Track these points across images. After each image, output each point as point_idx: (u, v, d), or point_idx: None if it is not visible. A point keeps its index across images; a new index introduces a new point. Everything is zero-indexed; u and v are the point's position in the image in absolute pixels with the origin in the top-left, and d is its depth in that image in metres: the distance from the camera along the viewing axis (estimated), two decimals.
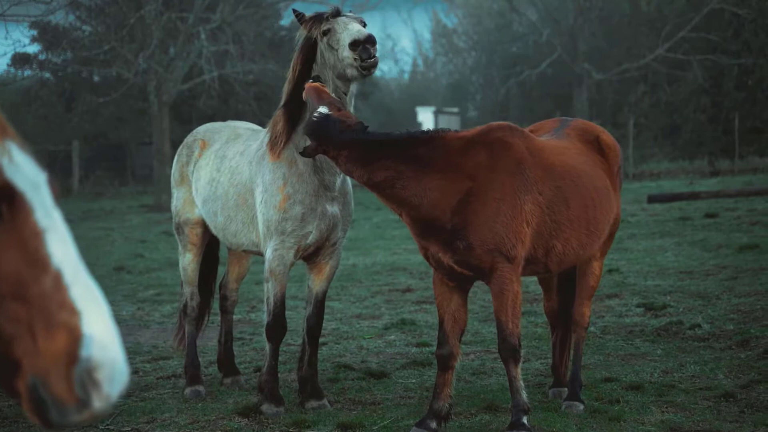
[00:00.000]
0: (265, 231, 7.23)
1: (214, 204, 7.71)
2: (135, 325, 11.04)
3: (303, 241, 7.17)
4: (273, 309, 7.27)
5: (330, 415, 7.06)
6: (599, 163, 7.02)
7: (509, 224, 6.34)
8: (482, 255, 6.32)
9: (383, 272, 14.33)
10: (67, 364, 2.22)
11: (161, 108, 29.25)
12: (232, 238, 7.66)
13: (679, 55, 39.10)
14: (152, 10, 27.75)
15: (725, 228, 16.85)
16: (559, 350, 7.55)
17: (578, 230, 6.67)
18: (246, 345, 9.78)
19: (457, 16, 54.91)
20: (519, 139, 6.58)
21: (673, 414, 6.80)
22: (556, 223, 6.55)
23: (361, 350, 9.33)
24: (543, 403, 7.22)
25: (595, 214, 6.77)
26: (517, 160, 6.45)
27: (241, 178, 7.52)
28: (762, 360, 8.04)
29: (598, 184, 6.86)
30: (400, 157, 6.29)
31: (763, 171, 30.99)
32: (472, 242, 6.30)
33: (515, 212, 6.36)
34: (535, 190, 6.45)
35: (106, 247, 19.83)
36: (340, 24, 6.92)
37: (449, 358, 6.66)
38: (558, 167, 6.64)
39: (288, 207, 7.11)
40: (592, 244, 6.84)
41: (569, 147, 6.94)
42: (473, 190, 6.33)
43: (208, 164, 7.87)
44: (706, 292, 11.14)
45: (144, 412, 7.36)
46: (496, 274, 6.36)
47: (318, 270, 7.43)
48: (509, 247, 6.33)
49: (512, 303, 6.43)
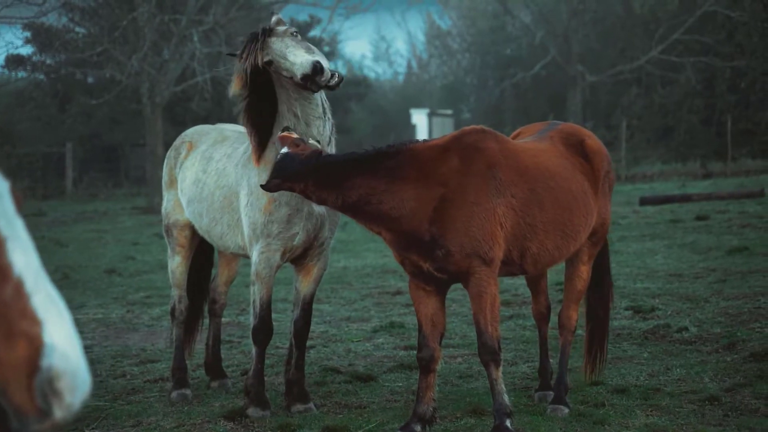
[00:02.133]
0: (251, 234, 7.24)
1: (200, 205, 7.72)
2: (124, 328, 11.04)
3: (289, 243, 7.18)
4: (259, 312, 7.28)
5: (316, 418, 7.07)
6: (579, 166, 7.02)
7: (484, 227, 6.39)
8: (460, 260, 6.37)
9: (374, 275, 14.34)
10: (28, 373, 2.21)
11: (154, 110, 29.23)
12: (218, 240, 7.67)
13: (672, 57, 39.15)
14: (145, 12, 27.72)
15: (716, 230, 16.87)
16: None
17: (553, 232, 6.71)
18: (234, 348, 9.78)
19: (451, 18, 54.93)
20: (491, 142, 6.62)
21: (658, 417, 6.81)
22: (531, 226, 6.60)
23: (349, 353, 9.34)
24: (528, 407, 7.23)
25: (570, 216, 6.79)
26: (489, 163, 6.50)
27: (227, 180, 7.53)
28: (747, 363, 8.05)
29: (573, 187, 6.87)
30: (369, 173, 6.36)
31: (755, 173, 31.04)
32: (450, 248, 6.36)
33: (489, 215, 6.41)
34: (508, 193, 6.50)
35: (98, 249, 19.81)
36: (277, 52, 6.84)
37: (430, 361, 6.69)
38: (532, 170, 6.68)
39: (274, 209, 7.11)
40: (567, 246, 6.87)
41: (547, 150, 6.96)
42: (447, 195, 6.39)
43: (193, 165, 7.88)
44: (695, 294, 11.16)
45: (130, 416, 7.36)
46: (473, 277, 6.41)
47: (306, 272, 7.44)
48: (486, 250, 6.38)
49: (491, 305, 6.47)
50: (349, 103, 46.40)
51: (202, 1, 29.26)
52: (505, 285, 12.56)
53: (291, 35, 6.94)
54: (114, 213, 28.60)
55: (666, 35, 39.59)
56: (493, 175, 6.48)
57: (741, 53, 38.00)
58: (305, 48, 6.88)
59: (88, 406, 7.62)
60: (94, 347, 9.95)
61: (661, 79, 41.07)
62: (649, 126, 39.72)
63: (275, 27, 6.99)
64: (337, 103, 45.33)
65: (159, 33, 28.92)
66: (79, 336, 2.33)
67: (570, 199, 6.81)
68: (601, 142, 7.41)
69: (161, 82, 28.95)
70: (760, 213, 18.56)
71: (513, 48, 48.50)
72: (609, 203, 7.34)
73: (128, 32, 28.53)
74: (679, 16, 39.49)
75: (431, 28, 57.26)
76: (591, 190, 7.02)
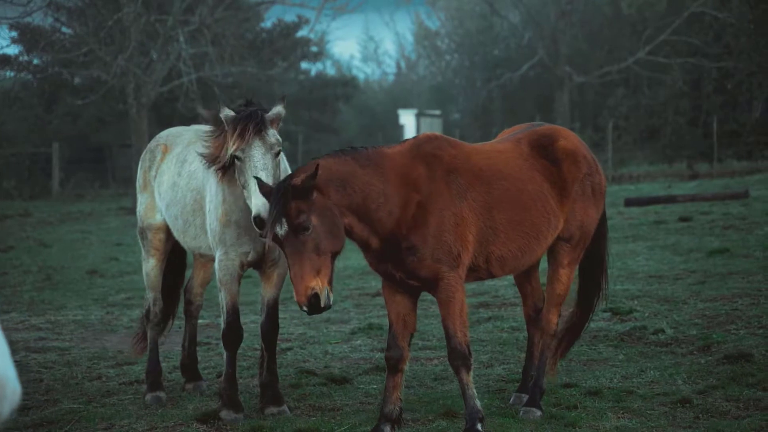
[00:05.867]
0: (212, 239, 7.30)
1: (175, 208, 7.72)
2: (102, 330, 11.02)
3: (243, 257, 7.24)
4: (226, 318, 7.30)
5: (288, 421, 7.07)
6: (541, 168, 6.97)
7: (456, 232, 6.48)
8: (430, 265, 6.43)
9: (355, 276, 14.34)
10: None
11: (140, 110, 29.18)
12: (192, 241, 7.68)
13: (660, 58, 39.23)
14: (131, 12, 27.66)
15: (698, 232, 16.90)
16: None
17: (513, 233, 6.74)
18: (212, 350, 9.78)
19: (440, 18, 54.95)
20: (446, 149, 6.68)
21: (628, 420, 6.84)
22: (491, 228, 6.66)
23: (325, 355, 9.34)
24: (501, 409, 7.25)
25: (528, 216, 6.80)
26: (448, 169, 6.58)
27: (197, 182, 7.55)
28: (721, 365, 8.08)
29: (529, 187, 6.86)
30: (370, 172, 6.37)
31: (741, 174, 31.11)
32: (423, 254, 6.42)
33: (458, 220, 6.50)
34: (468, 197, 6.58)
35: (82, 250, 19.77)
36: (247, 168, 6.74)
37: (399, 360, 6.71)
38: (486, 172, 6.73)
39: (225, 222, 7.18)
40: (531, 247, 6.87)
41: (504, 151, 6.97)
42: (421, 202, 6.46)
43: (169, 168, 7.88)
44: (673, 296, 11.18)
45: (103, 418, 7.36)
46: (442, 283, 6.46)
47: (267, 278, 7.46)
48: (455, 256, 6.44)
49: (459, 311, 6.51)
50: (337, 104, 46.39)
51: (188, 2, 29.21)
52: (485, 287, 12.59)
53: (274, 154, 6.86)
54: (99, 213, 28.53)
55: (653, 36, 39.68)
56: (453, 180, 6.56)
57: (728, 54, 38.10)
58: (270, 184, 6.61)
59: (62, 408, 7.62)
60: (72, 349, 9.93)
61: (647, 80, 41.16)
62: (635, 127, 39.80)
63: (267, 130, 6.88)
64: (326, 104, 45.36)
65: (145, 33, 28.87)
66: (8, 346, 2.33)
67: (526, 199, 6.81)
68: (580, 144, 7.33)
69: (147, 82, 28.90)
70: (743, 214, 18.60)
71: (501, 49, 48.56)
72: (591, 207, 7.22)
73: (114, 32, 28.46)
74: (667, 17, 39.59)
75: (420, 29, 57.27)
76: (553, 192, 6.97)
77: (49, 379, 8.65)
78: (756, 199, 21.02)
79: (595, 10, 44.55)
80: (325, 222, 6.13)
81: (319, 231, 6.10)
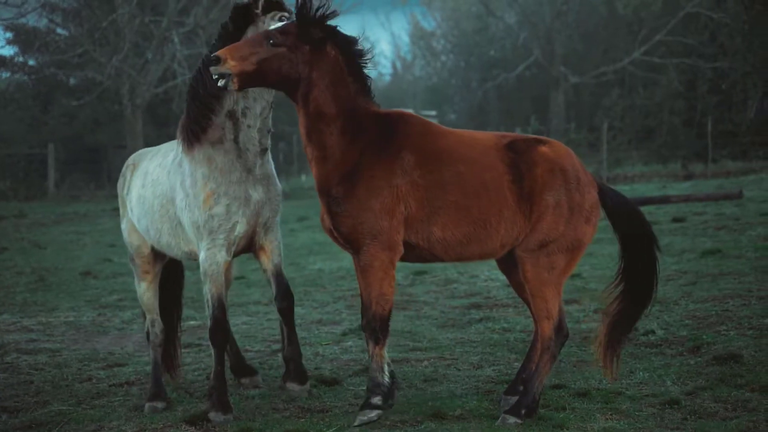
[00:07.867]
0: (195, 233, 7.30)
1: (146, 219, 7.80)
2: (93, 332, 11.02)
3: (231, 234, 7.27)
4: (212, 312, 7.29)
5: (277, 422, 7.07)
6: (509, 161, 6.81)
7: (384, 202, 6.59)
8: (353, 226, 6.60)
9: (347, 277, 14.34)
10: None
11: (135, 111, 29.19)
12: (167, 249, 7.75)
13: (655, 58, 39.28)
14: (125, 13, 27.66)
15: (691, 232, 16.91)
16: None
17: (459, 217, 6.72)
18: (203, 351, 9.77)
19: (435, 19, 54.98)
20: (406, 127, 6.80)
21: (616, 421, 6.84)
22: (435, 208, 6.70)
23: (316, 357, 9.35)
24: (489, 410, 7.23)
25: (478, 203, 6.73)
26: (400, 145, 6.70)
27: (162, 188, 7.60)
28: (710, 366, 8.09)
29: (486, 175, 6.77)
30: (339, 85, 6.70)
31: (735, 174, 31.13)
32: (346, 210, 6.62)
33: (392, 193, 6.61)
34: (414, 174, 6.67)
35: (76, 251, 19.76)
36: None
37: None
38: (446, 154, 6.77)
39: (213, 203, 7.21)
40: (479, 236, 6.76)
41: (479, 139, 7.00)
42: (358, 165, 6.65)
43: (136, 183, 7.98)
44: (665, 297, 11.18)
45: (92, 420, 7.36)
46: (362, 250, 6.65)
47: (263, 251, 7.52)
48: (381, 227, 6.58)
49: (378, 283, 6.59)
50: None
51: (183, 3, 29.21)
52: (477, 288, 12.60)
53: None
54: (94, 215, 28.50)
55: (649, 36, 39.76)
56: (402, 156, 6.67)
57: (723, 54, 38.16)
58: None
59: (52, 410, 7.62)
60: (63, 351, 9.93)
61: (642, 80, 41.20)
62: (630, 127, 39.84)
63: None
64: None
65: (140, 34, 28.89)
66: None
67: (478, 185, 6.74)
68: (567, 159, 6.93)
69: (142, 83, 28.90)
70: (736, 215, 18.61)
71: (497, 49, 48.62)
72: (562, 223, 6.81)
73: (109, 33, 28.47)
74: (662, 17, 39.67)
75: (415, 29, 57.29)
76: (513, 186, 6.76)
77: (39, 381, 8.65)
78: (749, 200, 21.03)
79: (590, 11, 44.59)
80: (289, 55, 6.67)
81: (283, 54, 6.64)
